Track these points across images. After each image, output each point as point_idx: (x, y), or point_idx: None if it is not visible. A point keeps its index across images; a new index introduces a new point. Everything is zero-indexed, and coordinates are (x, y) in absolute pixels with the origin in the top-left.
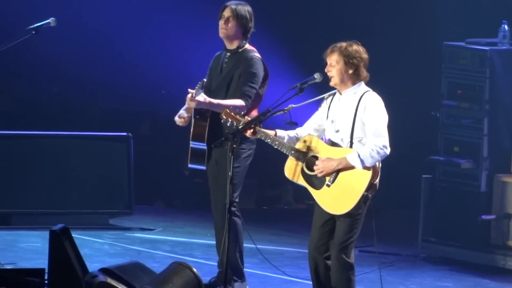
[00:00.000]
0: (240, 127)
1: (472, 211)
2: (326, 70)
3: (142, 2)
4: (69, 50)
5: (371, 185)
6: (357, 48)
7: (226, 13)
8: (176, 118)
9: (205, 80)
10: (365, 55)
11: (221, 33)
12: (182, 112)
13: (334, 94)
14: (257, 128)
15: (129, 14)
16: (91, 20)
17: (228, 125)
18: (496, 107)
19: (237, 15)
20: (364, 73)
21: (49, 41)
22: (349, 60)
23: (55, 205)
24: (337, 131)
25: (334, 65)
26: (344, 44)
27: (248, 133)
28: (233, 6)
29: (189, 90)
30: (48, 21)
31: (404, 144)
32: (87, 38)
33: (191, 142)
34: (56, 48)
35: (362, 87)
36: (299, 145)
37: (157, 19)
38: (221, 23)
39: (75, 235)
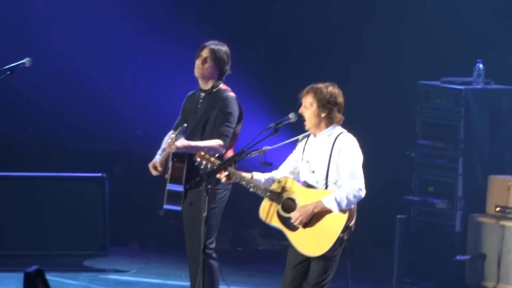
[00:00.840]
0: (215, 167)
1: (447, 251)
2: (300, 111)
3: (117, 43)
4: (44, 90)
5: (346, 227)
6: (333, 91)
7: (204, 53)
8: (150, 166)
9: (186, 125)
10: (340, 99)
11: (197, 72)
12: (156, 160)
13: (309, 135)
14: (232, 170)
15: (104, 55)
16: (67, 61)
17: (202, 167)
18: (471, 146)
19: (215, 57)
20: (338, 117)
21: (24, 81)
22: (323, 103)
23: (29, 246)
24: (313, 171)
25: (307, 107)
26: (320, 86)
27: (223, 177)
28: (212, 47)
29: (169, 136)
30: (23, 61)
31: (379, 184)
32: (62, 79)
33: (168, 184)
34: (31, 88)
35: (337, 129)
36: (274, 186)
37: (132, 60)
38: (198, 62)
39: (49, 277)
